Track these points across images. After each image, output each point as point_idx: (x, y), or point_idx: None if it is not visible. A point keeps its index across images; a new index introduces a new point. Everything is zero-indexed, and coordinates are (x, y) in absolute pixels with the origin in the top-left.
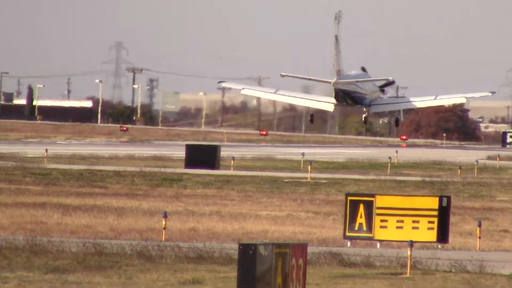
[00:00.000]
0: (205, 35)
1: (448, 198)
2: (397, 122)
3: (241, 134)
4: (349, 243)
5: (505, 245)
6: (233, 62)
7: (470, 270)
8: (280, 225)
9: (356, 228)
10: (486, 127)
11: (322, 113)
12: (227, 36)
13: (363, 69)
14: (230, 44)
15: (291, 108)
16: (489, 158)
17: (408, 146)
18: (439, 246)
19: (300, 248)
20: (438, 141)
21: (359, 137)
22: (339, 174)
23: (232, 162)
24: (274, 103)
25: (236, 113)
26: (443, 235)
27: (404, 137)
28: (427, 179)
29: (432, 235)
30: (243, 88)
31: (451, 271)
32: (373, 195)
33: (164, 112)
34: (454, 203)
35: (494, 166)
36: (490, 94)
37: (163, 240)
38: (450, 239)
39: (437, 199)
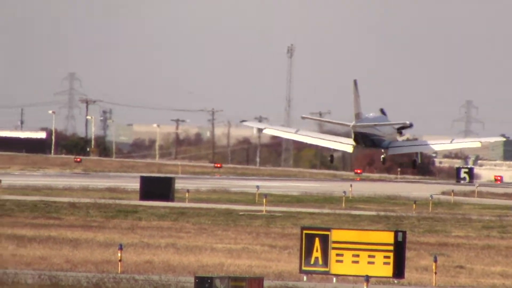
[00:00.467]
0: (158, 67)
1: (404, 233)
2: (414, 163)
3: (195, 166)
4: (305, 278)
5: (460, 281)
6: (185, 94)
7: None
8: (235, 258)
9: (312, 262)
10: (440, 162)
11: (276, 146)
12: (179, 67)
13: (382, 111)
14: (182, 76)
15: (245, 140)
16: (443, 193)
17: (362, 180)
18: (395, 281)
19: (257, 281)
20: (392, 176)
21: (313, 170)
22: (294, 207)
23: (186, 194)
24: (228, 136)
25: (190, 145)
26: (399, 270)
27: (359, 171)
28: (382, 213)
29: (388, 270)
30: (265, 128)
31: None
32: (328, 229)
33: (118, 143)
34: (409, 238)
35: (448, 201)
36: (504, 139)
37: (118, 272)
38: (406, 274)
39: (392, 234)
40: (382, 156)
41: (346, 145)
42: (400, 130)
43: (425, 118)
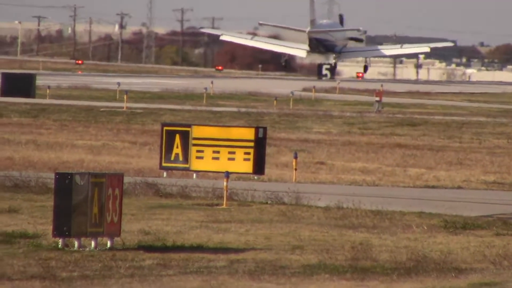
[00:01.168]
0: None
1: (264, 129)
2: (365, 69)
3: (57, 63)
4: (165, 174)
5: (321, 177)
6: None
7: (287, 202)
8: (96, 154)
9: (172, 158)
10: (302, 59)
11: (138, 42)
12: None
13: (341, 17)
14: None
15: (107, 37)
16: (304, 90)
17: (224, 76)
18: (255, 177)
19: (116, 178)
20: (253, 72)
21: (175, 67)
22: (155, 104)
23: (47, 91)
24: (89, 32)
25: (51, 42)
26: (259, 166)
27: (220, 68)
28: (243, 110)
29: (248, 166)
30: (222, 34)
31: (267, 203)
32: (189, 126)
33: None
34: (270, 134)
35: (309, 97)
36: (452, 43)
37: None
38: (266, 170)
39: (253, 130)
40: (334, 61)
41: (301, 50)
42: (352, 38)
43: (286, 17)
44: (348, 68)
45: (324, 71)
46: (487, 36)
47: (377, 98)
